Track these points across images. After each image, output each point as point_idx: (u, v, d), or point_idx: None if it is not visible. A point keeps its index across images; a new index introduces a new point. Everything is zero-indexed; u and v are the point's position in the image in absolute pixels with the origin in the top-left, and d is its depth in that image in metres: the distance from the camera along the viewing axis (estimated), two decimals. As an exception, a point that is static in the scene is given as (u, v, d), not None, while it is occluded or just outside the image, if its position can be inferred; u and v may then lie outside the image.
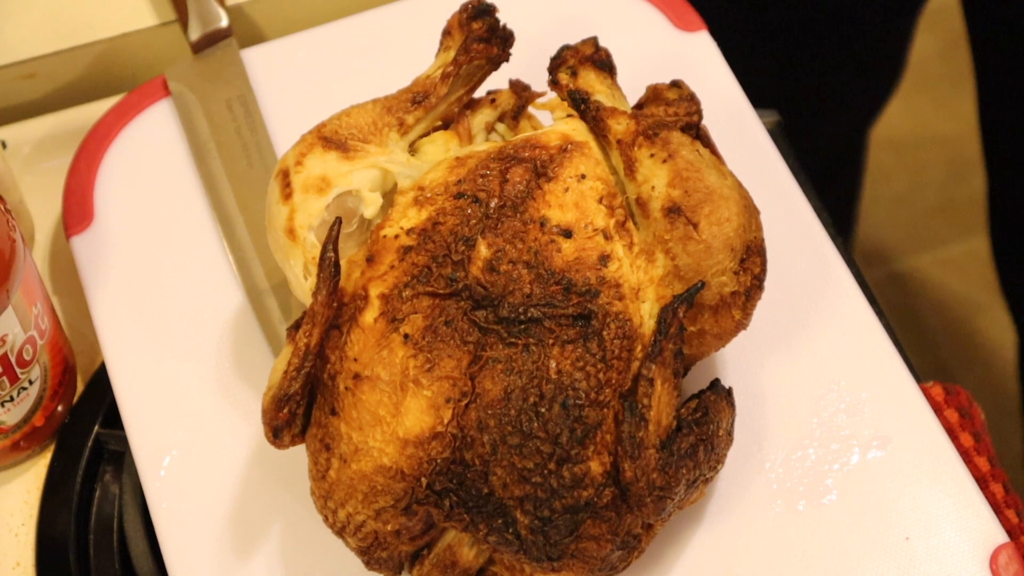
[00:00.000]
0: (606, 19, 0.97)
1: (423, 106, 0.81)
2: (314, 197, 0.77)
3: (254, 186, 0.91)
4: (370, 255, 0.74)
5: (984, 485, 0.83)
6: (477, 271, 0.72)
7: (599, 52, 0.82)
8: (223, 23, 0.97)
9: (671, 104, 0.80)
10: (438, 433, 0.70)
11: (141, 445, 0.82)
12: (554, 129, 0.78)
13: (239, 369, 0.85)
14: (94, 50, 1.01)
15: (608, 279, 0.73)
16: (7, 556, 0.84)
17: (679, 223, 0.74)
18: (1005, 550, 0.77)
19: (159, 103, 0.95)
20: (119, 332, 0.86)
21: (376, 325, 0.72)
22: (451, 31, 0.83)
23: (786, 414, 0.82)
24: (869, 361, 0.83)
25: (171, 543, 0.80)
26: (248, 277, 0.88)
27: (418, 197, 0.75)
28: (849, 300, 0.85)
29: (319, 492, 0.73)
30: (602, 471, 0.70)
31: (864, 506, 0.79)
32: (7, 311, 0.77)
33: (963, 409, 0.86)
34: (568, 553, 0.71)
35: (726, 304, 0.74)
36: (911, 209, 1.95)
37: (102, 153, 0.93)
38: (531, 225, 0.74)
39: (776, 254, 0.81)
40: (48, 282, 0.93)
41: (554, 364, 0.70)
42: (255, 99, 0.94)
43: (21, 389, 0.82)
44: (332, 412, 0.72)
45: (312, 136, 0.79)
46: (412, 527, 0.72)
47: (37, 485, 0.86)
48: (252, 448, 0.82)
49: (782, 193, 0.89)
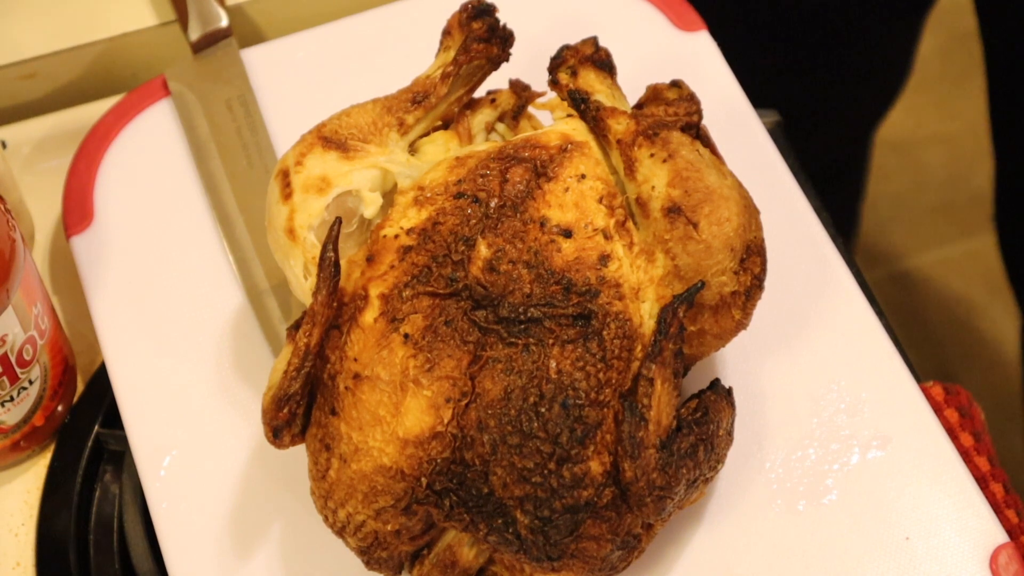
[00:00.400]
0: (606, 19, 0.97)
1: (423, 106, 0.81)
2: (314, 197, 0.77)
3: (254, 186, 0.91)
4: (370, 255, 0.74)
5: (984, 485, 0.83)
6: (477, 271, 0.72)
7: (599, 52, 0.82)
8: (223, 23, 0.97)
9: (671, 104, 0.80)
10: (438, 433, 0.70)
11: (141, 445, 0.82)
12: (554, 129, 0.78)
13: (239, 369, 0.85)
14: (94, 50, 1.01)
15: (608, 279, 0.73)
16: (7, 556, 0.84)
17: (679, 223, 0.74)
18: (1005, 550, 0.77)
19: (159, 103, 0.95)
20: (119, 332, 0.86)
21: (376, 325, 0.72)
22: (451, 31, 0.83)
23: (786, 414, 0.82)
24: (869, 361, 0.83)
25: (171, 543, 0.80)
26: (248, 277, 0.88)
27: (418, 197, 0.75)
28: (849, 300, 0.85)
29: (319, 492, 0.73)
30: (602, 471, 0.70)
31: (864, 506, 0.79)
32: (7, 311, 0.77)
33: (963, 409, 0.86)
34: (568, 553, 0.71)
35: (726, 304, 0.74)
36: (911, 209, 1.95)
37: (102, 153, 0.93)
38: (531, 225, 0.74)
39: (776, 254, 0.81)
40: (48, 282, 0.93)
41: (554, 364, 0.70)
42: (255, 99, 0.94)
43: (21, 389, 0.82)
44: (332, 412, 0.72)
45: (312, 136, 0.79)
46: (412, 527, 0.72)
47: (37, 485, 0.86)
48: (252, 448, 0.82)
49: (782, 193, 0.89)
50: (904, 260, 1.91)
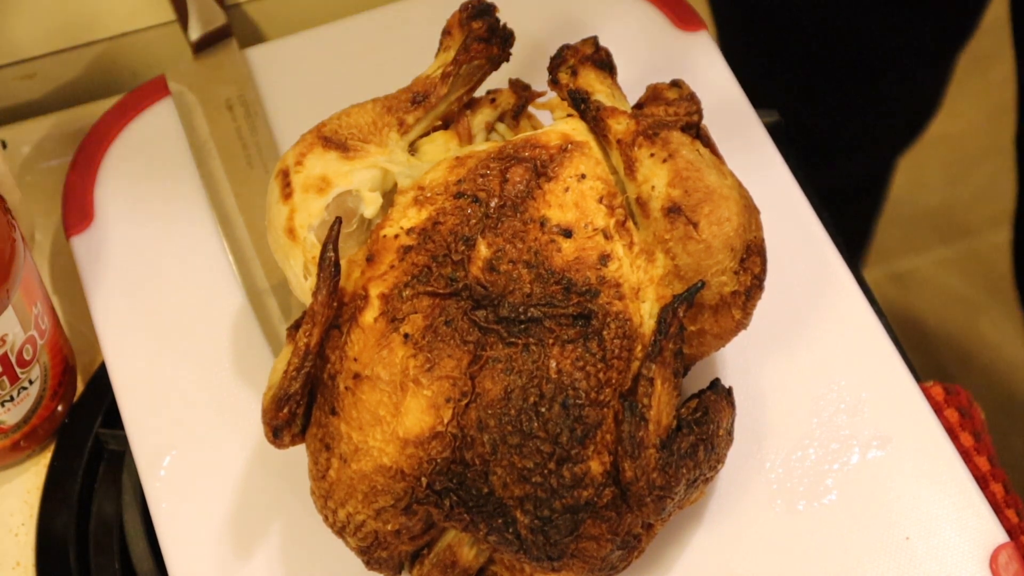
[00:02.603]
0: (606, 19, 0.97)
1: (423, 106, 0.81)
2: (314, 197, 0.77)
3: (254, 186, 0.91)
4: (370, 255, 0.74)
5: (984, 485, 0.83)
6: (477, 271, 0.72)
7: (599, 52, 0.82)
8: (223, 23, 0.97)
9: (671, 104, 0.80)
10: (438, 433, 0.70)
11: (141, 445, 0.82)
12: (554, 129, 0.78)
13: (239, 369, 0.85)
14: (94, 50, 1.01)
15: (608, 279, 0.73)
16: (7, 556, 0.84)
17: (679, 223, 0.74)
18: (1005, 550, 0.77)
19: (159, 103, 0.95)
20: (119, 332, 0.86)
21: (376, 325, 0.72)
22: (451, 31, 0.83)
23: (786, 414, 0.82)
24: (869, 361, 0.83)
25: (171, 543, 0.80)
26: (248, 277, 0.88)
27: (418, 197, 0.75)
28: (849, 300, 0.85)
29: (319, 492, 0.73)
30: (602, 471, 0.70)
31: (864, 506, 0.79)
32: (7, 311, 0.77)
33: (963, 409, 0.86)
34: (568, 553, 0.71)
35: (726, 304, 0.74)
36: (911, 209, 1.95)
37: (102, 153, 0.93)
38: (531, 225, 0.74)
39: (776, 254, 0.81)
40: (48, 282, 0.93)
41: (554, 364, 0.70)
42: (255, 99, 0.94)
43: (21, 389, 0.82)
44: (332, 412, 0.72)
45: (312, 136, 0.79)
46: (412, 527, 0.72)
47: (37, 485, 0.86)
48: (252, 448, 0.82)
49: (782, 193, 0.89)
50: (904, 260, 1.91)
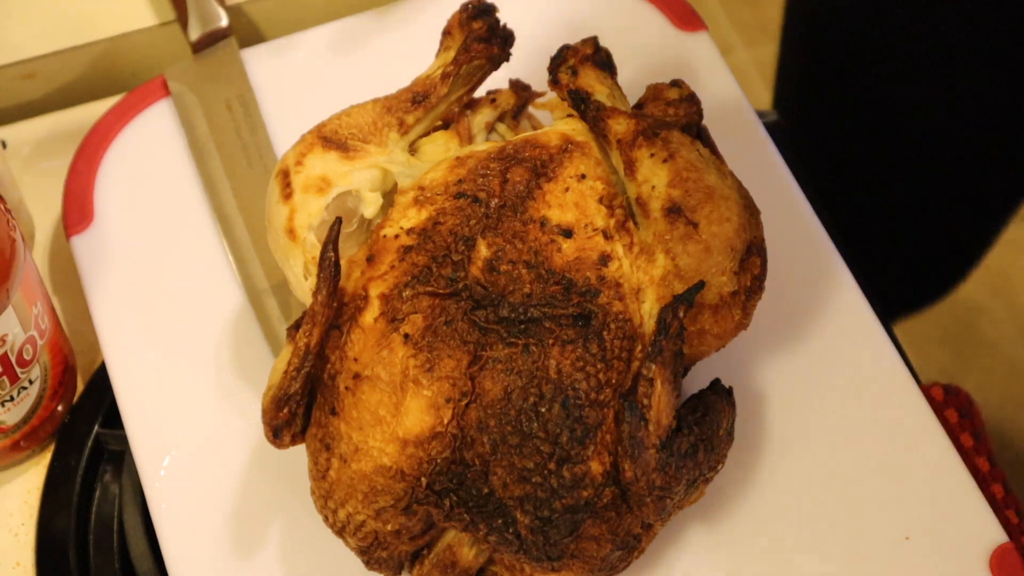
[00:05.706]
0: (606, 19, 0.97)
1: (423, 106, 0.81)
2: (314, 197, 0.77)
3: (254, 186, 0.91)
4: (370, 255, 0.74)
5: (984, 485, 0.83)
6: (477, 271, 0.72)
7: (599, 52, 0.82)
8: (223, 23, 0.97)
9: (671, 104, 0.80)
10: (438, 433, 0.70)
11: (141, 445, 0.82)
12: (554, 129, 0.78)
13: (239, 369, 0.85)
14: (94, 50, 1.01)
15: (608, 279, 0.73)
16: (7, 556, 0.84)
17: (679, 223, 0.74)
18: (1005, 550, 0.77)
19: (159, 103, 0.95)
20: (119, 332, 0.86)
21: (376, 325, 0.72)
22: (451, 31, 0.83)
23: (786, 414, 0.82)
24: (869, 361, 0.83)
25: (171, 543, 0.80)
26: (248, 277, 0.88)
27: (418, 197, 0.75)
28: (849, 300, 0.85)
29: (319, 492, 0.73)
30: (602, 471, 0.70)
31: (864, 506, 0.79)
32: (7, 311, 0.77)
33: (963, 409, 0.86)
34: (568, 553, 0.71)
35: (726, 304, 0.74)
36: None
37: (102, 153, 0.93)
38: (531, 225, 0.74)
39: (776, 254, 0.81)
40: (48, 282, 0.93)
41: (554, 364, 0.70)
42: (255, 99, 0.94)
43: (21, 389, 0.82)
44: (332, 412, 0.72)
45: (312, 136, 0.79)
46: (412, 527, 0.72)
47: (37, 485, 0.86)
48: (252, 448, 0.82)
49: (782, 193, 0.89)
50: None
